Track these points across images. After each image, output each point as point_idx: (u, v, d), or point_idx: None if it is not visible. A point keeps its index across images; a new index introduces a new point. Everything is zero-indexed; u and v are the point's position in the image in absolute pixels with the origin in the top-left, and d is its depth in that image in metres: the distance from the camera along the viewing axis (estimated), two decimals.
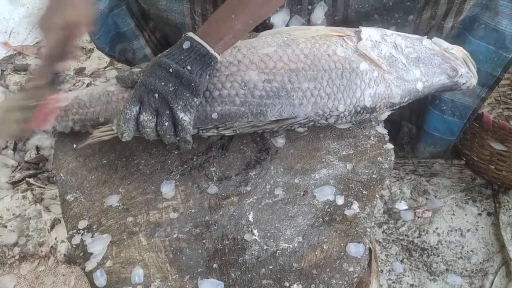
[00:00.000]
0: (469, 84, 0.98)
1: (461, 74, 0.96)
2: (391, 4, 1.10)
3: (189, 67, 0.84)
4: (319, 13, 1.12)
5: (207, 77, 0.87)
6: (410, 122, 1.41)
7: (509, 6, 1.04)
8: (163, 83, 0.83)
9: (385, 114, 1.00)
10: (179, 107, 0.84)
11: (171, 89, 0.83)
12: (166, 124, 0.84)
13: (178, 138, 0.87)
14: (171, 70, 0.84)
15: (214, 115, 0.91)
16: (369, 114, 0.95)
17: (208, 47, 0.86)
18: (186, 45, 0.85)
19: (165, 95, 0.83)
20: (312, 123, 0.95)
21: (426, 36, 0.99)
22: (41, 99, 0.83)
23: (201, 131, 0.95)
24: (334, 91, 0.91)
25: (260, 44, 0.95)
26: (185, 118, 0.84)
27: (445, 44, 0.98)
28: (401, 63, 0.94)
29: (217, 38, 0.87)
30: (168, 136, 0.85)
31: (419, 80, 0.94)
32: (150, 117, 0.84)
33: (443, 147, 1.37)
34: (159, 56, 0.87)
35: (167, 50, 0.88)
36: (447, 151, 1.42)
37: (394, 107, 0.97)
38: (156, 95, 0.83)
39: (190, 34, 0.86)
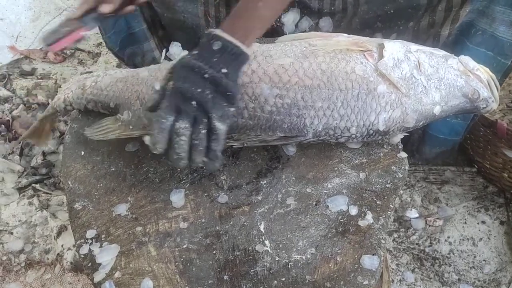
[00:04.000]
0: (489, 108, 0.93)
1: (482, 98, 0.91)
2: (392, 11, 1.08)
3: (224, 70, 0.78)
4: (324, 26, 1.14)
5: (240, 78, 0.83)
6: None
7: (506, 13, 1.02)
8: (199, 90, 0.76)
9: (398, 137, 0.97)
10: (217, 116, 0.77)
11: (209, 97, 0.77)
12: (203, 132, 0.77)
13: (205, 159, 0.79)
14: (206, 75, 0.77)
15: None
16: (381, 137, 0.93)
17: (241, 46, 0.80)
18: (217, 45, 0.78)
19: (204, 104, 0.76)
20: (322, 141, 0.93)
21: (453, 55, 0.94)
22: (72, 28, 0.91)
23: None
24: (347, 113, 0.88)
25: (277, 53, 0.91)
26: (221, 127, 0.78)
27: (471, 63, 0.93)
28: (421, 86, 0.89)
29: (247, 32, 0.82)
30: (201, 148, 0.77)
31: (437, 104, 0.90)
32: (188, 125, 0.76)
33: (449, 147, 1.37)
34: (189, 58, 0.80)
35: (195, 52, 0.81)
36: (454, 150, 1.41)
37: (408, 130, 0.94)
38: (194, 102, 0.76)
39: (218, 32, 0.79)
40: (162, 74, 0.91)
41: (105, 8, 0.90)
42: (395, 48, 0.91)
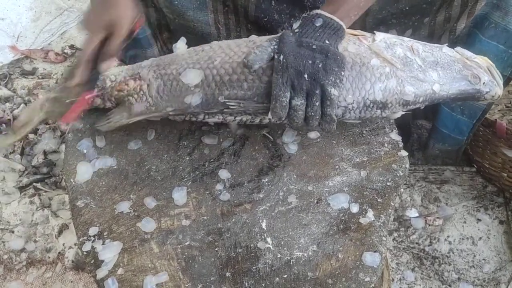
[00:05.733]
0: (493, 93, 0.94)
1: (483, 82, 0.92)
2: (407, 8, 1.09)
3: (327, 41, 0.85)
4: None
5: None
6: (426, 119, 1.39)
7: None
8: (310, 62, 0.82)
9: (399, 113, 0.96)
10: (330, 82, 0.82)
11: (319, 66, 0.82)
12: (317, 104, 0.83)
13: (320, 122, 0.86)
14: (314, 46, 0.84)
15: (221, 98, 0.90)
16: (380, 110, 0.92)
17: (340, 22, 0.87)
18: (319, 22, 0.86)
19: (315, 74, 0.82)
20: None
21: (446, 44, 0.97)
22: (76, 96, 0.89)
23: (206, 117, 0.95)
24: (343, 82, 0.88)
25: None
26: (335, 93, 0.83)
27: (468, 53, 0.95)
28: (416, 64, 0.91)
29: (344, 15, 0.88)
30: (317, 117, 0.84)
31: (436, 82, 0.91)
32: (302, 101, 0.83)
33: (453, 146, 1.37)
34: (293, 35, 0.86)
35: (296, 30, 0.87)
36: (458, 153, 1.41)
37: (409, 107, 0.94)
38: (306, 75, 0.82)
39: (319, 11, 0.88)
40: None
41: (105, 66, 0.91)
42: (387, 35, 0.94)
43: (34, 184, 1.42)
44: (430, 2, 1.08)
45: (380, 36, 0.94)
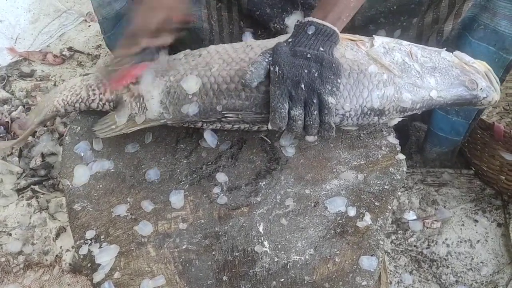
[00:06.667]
0: (490, 98, 0.94)
1: (481, 88, 0.92)
2: (395, 8, 1.10)
3: (321, 49, 0.85)
4: None
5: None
6: (423, 122, 1.39)
7: (508, 7, 1.02)
8: (306, 71, 0.83)
9: (396, 120, 0.97)
10: (327, 91, 0.83)
11: (315, 75, 0.83)
12: (315, 113, 0.83)
13: (319, 130, 0.86)
14: (308, 55, 0.84)
15: (219, 108, 0.91)
16: (377, 117, 0.92)
17: (333, 27, 0.87)
18: (311, 30, 0.86)
19: (312, 83, 0.83)
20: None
21: (445, 48, 0.97)
22: (124, 65, 0.93)
23: (205, 125, 0.95)
24: (340, 90, 0.89)
25: (270, 43, 0.94)
26: (332, 101, 0.83)
27: (467, 57, 0.95)
28: (414, 70, 0.91)
29: (336, 18, 0.88)
30: (315, 125, 0.84)
31: (433, 88, 0.91)
32: (301, 111, 0.84)
33: (450, 147, 1.37)
34: (287, 45, 0.86)
35: (289, 39, 0.88)
36: (454, 152, 1.41)
37: (406, 113, 0.94)
38: (303, 85, 0.83)
39: (311, 18, 0.87)
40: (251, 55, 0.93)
41: (166, 41, 0.95)
42: (386, 39, 0.94)
43: (32, 186, 1.41)
44: (419, 2, 1.09)
45: (378, 41, 0.93)
